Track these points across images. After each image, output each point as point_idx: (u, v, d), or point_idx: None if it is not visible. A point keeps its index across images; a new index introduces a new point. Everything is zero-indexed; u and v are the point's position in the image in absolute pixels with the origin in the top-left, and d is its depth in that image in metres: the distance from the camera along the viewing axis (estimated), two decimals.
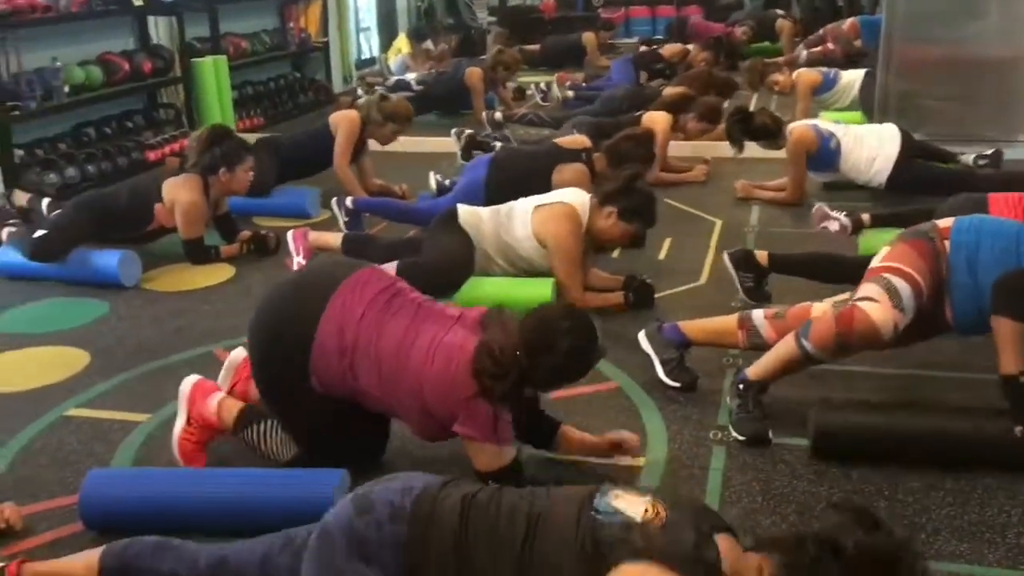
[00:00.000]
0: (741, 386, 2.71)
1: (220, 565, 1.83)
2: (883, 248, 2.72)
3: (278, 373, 2.43)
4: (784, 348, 2.66)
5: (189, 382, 2.62)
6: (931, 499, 2.36)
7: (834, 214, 3.98)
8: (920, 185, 4.69)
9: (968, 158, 5.06)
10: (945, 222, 2.69)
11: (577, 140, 4.71)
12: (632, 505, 1.65)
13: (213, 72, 6.78)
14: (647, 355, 3.05)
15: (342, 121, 5.20)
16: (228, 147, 4.31)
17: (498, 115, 6.95)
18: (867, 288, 2.58)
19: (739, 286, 3.63)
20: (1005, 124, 5.87)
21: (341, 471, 2.32)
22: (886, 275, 2.56)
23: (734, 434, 2.68)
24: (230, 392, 2.65)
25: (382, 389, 2.33)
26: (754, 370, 2.72)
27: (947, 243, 2.60)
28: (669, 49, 8.00)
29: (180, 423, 2.57)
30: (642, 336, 3.07)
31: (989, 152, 5.04)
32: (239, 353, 2.72)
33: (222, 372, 2.74)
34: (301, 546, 1.76)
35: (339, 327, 2.33)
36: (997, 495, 2.36)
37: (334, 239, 4.01)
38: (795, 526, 2.27)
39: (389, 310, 2.36)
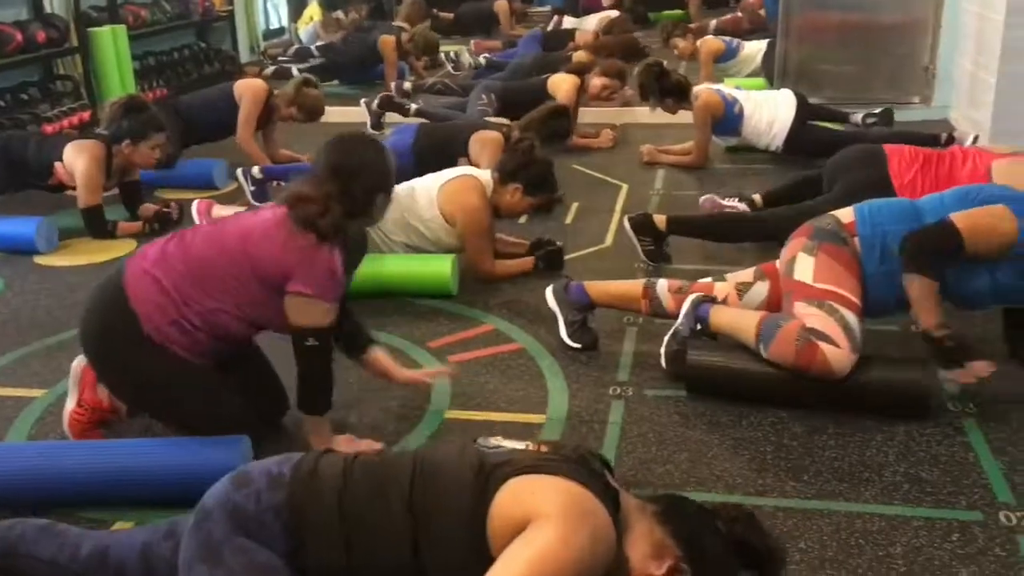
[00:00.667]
0: (699, 327, 2.72)
1: (101, 555, 1.78)
2: (800, 252, 2.63)
3: (120, 362, 2.34)
4: (743, 334, 2.62)
5: (80, 362, 2.56)
6: (814, 443, 2.47)
7: (726, 202, 4.05)
8: (816, 147, 4.83)
9: (857, 117, 5.25)
10: (847, 216, 2.66)
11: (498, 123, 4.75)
12: (513, 443, 1.71)
13: (112, 42, 6.58)
14: (551, 316, 3.11)
15: (247, 91, 5.11)
16: (138, 120, 4.21)
17: (407, 85, 6.91)
18: (818, 318, 2.50)
19: (639, 249, 3.71)
20: (899, 87, 6.09)
21: (243, 438, 2.31)
22: (838, 307, 2.51)
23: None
24: (79, 403, 2.52)
25: (218, 298, 2.28)
26: (715, 325, 2.71)
27: (856, 240, 2.60)
28: (583, 36, 8.01)
29: (71, 404, 2.53)
30: (549, 293, 3.11)
31: (878, 111, 5.22)
32: (79, 362, 2.59)
33: (69, 384, 2.59)
34: (183, 533, 1.70)
35: (142, 275, 2.29)
36: (875, 437, 2.49)
37: (240, 210, 3.95)
38: (687, 472, 2.36)
39: (186, 238, 2.35)
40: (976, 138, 4.80)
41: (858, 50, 6.11)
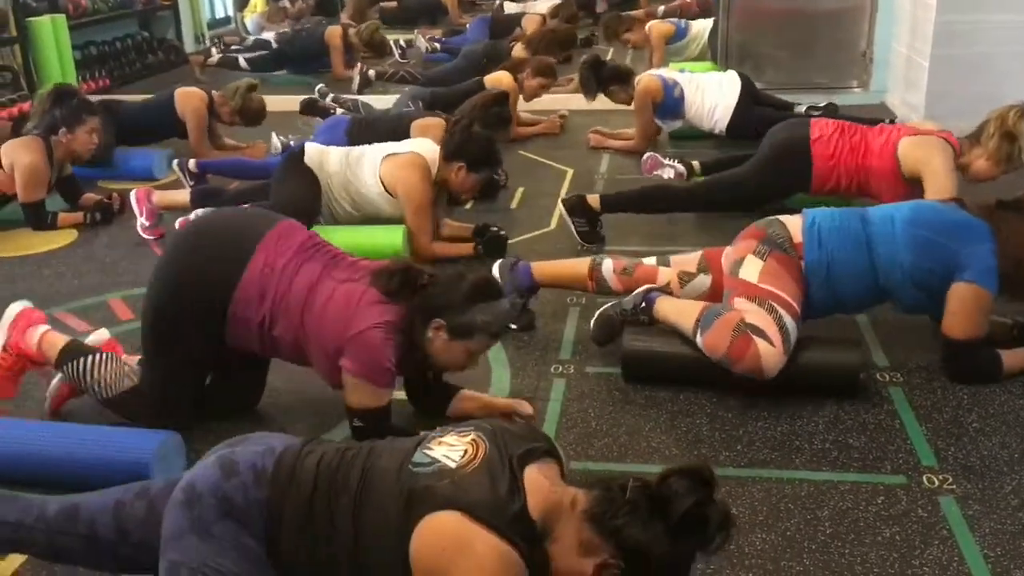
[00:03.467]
0: (643, 305, 2.75)
1: (70, 513, 1.80)
2: (749, 255, 2.65)
3: (184, 315, 2.41)
4: (683, 322, 2.65)
5: (16, 308, 2.58)
6: (748, 415, 2.55)
7: (667, 162, 4.13)
8: (759, 130, 4.85)
9: (800, 109, 5.31)
10: (796, 233, 2.65)
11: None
12: (451, 450, 1.69)
13: (52, 32, 6.47)
14: None
15: (189, 109, 5.02)
16: (70, 107, 4.17)
17: (372, 72, 6.85)
18: (758, 315, 2.54)
19: (574, 231, 3.76)
20: (838, 72, 6.22)
21: (163, 435, 2.32)
22: (778, 308, 2.54)
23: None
24: (4, 347, 2.54)
25: (294, 334, 2.37)
26: (658, 312, 2.73)
27: (803, 263, 2.63)
28: (530, 21, 8.02)
29: None
30: (496, 268, 3.11)
31: (822, 104, 5.30)
32: (17, 306, 2.61)
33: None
34: (157, 496, 1.75)
35: (262, 277, 2.38)
36: (806, 407, 2.57)
37: (182, 196, 3.94)
38: (624, 446, 2.42)
39: (306, 259, 2.42)
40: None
41: (798, 35, 6.22)
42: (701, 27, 6.76)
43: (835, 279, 2.63)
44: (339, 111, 5.70)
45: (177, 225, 3.56)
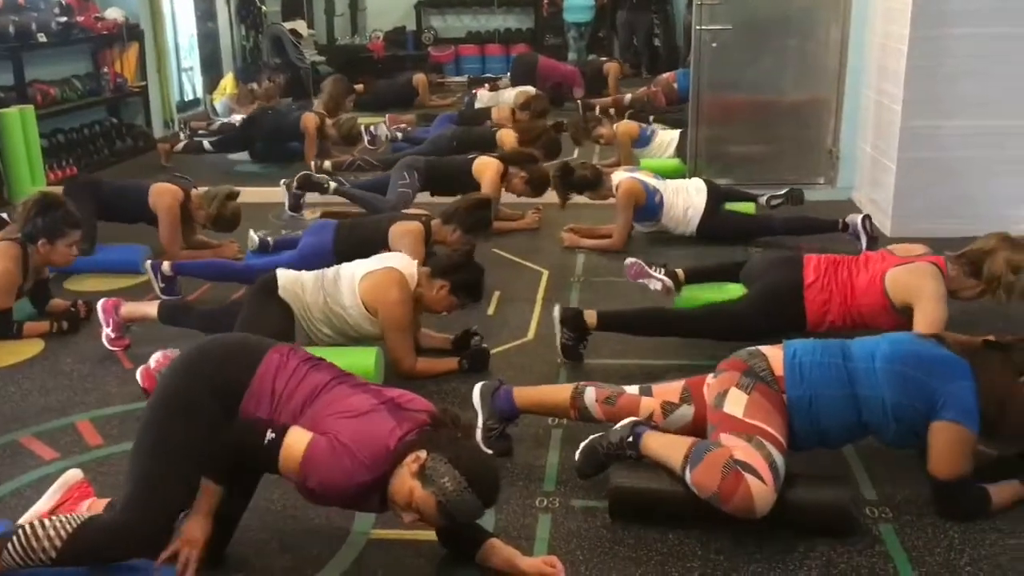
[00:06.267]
0: (631, 439, 2.69)
1: None
2: (733, 388, 2.64)
3: (197, 395, 2.37)
4: (671, 458, 2.60)
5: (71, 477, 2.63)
6: (739, 556, 2.50)
7: (654, 272, 4.10)
8: (727, 232, 5.16)
9: (762, 199, 5.44)
10: (778, 367, 2.65)
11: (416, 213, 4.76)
12: None
13: (19, 123, 6.41)
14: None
15: (162, 207, 4.96)
16: (52, 218, 4.09)
17: (327, 164, 6.87)
18: (746, 451, 2.51)
19: (558, 342, 3.74)
20: (805, 168, 6.33)
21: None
22: (766, 444, 2.52)
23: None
24: (53, 512, 2.47)
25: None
26: (646, 447, 2.67)
27: (785, 396, 2.62)
28: (500, 113, 8.12)
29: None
30: (477, 390, 3.08)
31: (781, 192, 5.43)
32: (74, 474, 2.60)
33: (51, 490, 2.57)
34: None
35: (273, 376, 2.39)
36: (798, 547, 2.52)
37: (149, 309, 3.86)
38: None
39: (314, 368, 2.45)
40: (866, 217, 4.99)
41: (766, 132, 6.35)
42: (666, 138, 6.88)
43: (818, 414, 2.62)
44: (331, 184, 5.73)
45: (154, 363, 3.45)
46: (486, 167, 5.61)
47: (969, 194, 5.24)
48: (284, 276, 3.64)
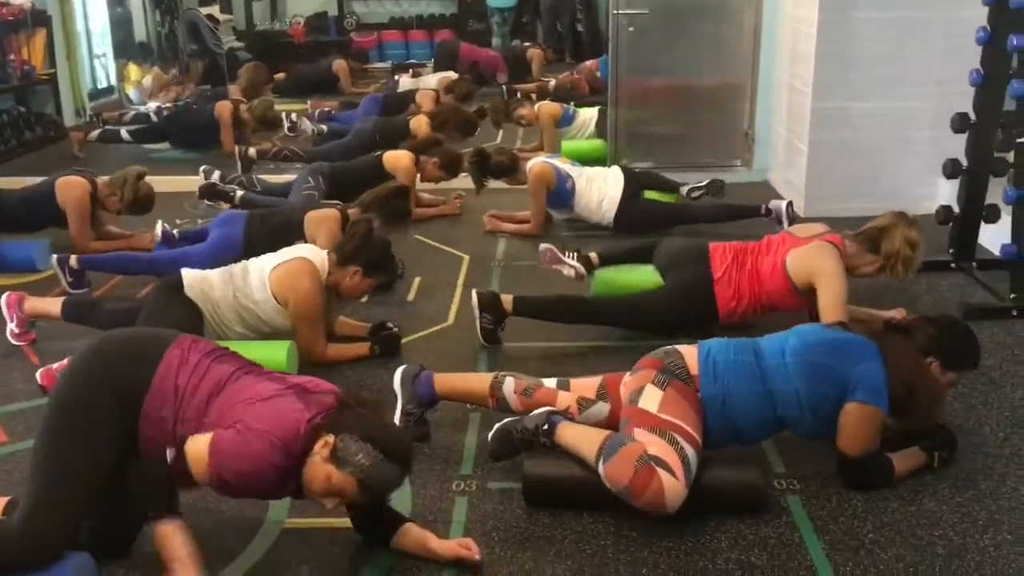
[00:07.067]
0: (546, 427, 2.70)
1: None
2: (649, 384, 2.66)
3: (97, 401, 2.30)
4: (585, 450, 2.61)
5: None
6: (652, 532, 2.54)
7: (567, 259, 4.11)
8: (644, 223, 5.02)
9: (683, 189, 5.47)
10: (693, 365, 2.69)
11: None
12: None
13: None
14: (393, 403, 3.06)
15: (71, 200, 4.82)
16: None
17: (252, 151, 6.72)
18: (660, 447, 2.52)
19: (478, 325, 3.75)
20: (722, 151, 6.43)
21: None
22: (679, 439, 2.54)
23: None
24: None
25: (199, 420, 2.31)
26: (560, 437, 2.68)
27: (699, 395, 2.66)
28: (424, 97, 8.04)
29: None
30: (398, 375, 3.06)
31: (703, 183, 5.46)
32: None
33: None
34: None
35: (176, 373, 2.35)
36: (709, 523, 2.58)
37: (53, 306, 3.76)
38: (529, 573, 2.38)
39: (217, 360, 2.42)
40: (790, 204, 5.10)
41: (684, 116, 6.41)
42: (587, 116, 6.94)
43: (732, 412, 2.67)
44: (238, 192, 5.57)
45: (57, 365, 3.35)
46: (398, 161, 5.54)
47: (878, 174, 5.39)
48: (189, 276, 3.55)
